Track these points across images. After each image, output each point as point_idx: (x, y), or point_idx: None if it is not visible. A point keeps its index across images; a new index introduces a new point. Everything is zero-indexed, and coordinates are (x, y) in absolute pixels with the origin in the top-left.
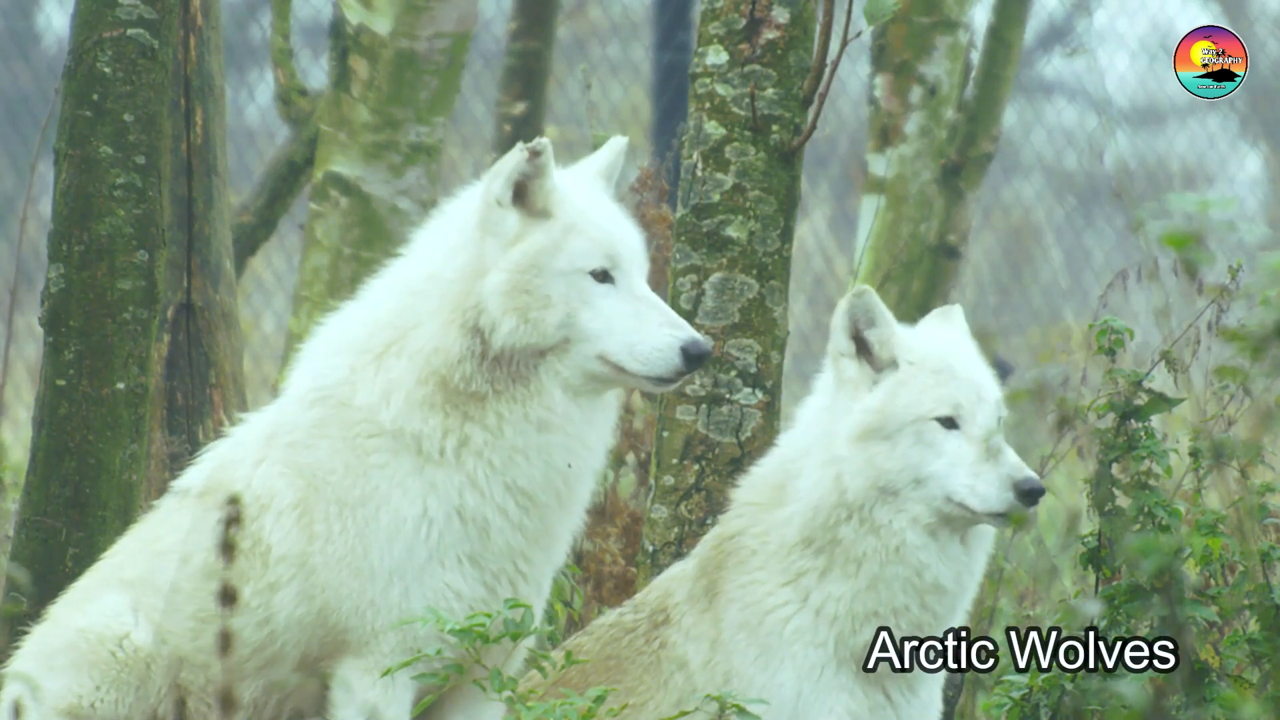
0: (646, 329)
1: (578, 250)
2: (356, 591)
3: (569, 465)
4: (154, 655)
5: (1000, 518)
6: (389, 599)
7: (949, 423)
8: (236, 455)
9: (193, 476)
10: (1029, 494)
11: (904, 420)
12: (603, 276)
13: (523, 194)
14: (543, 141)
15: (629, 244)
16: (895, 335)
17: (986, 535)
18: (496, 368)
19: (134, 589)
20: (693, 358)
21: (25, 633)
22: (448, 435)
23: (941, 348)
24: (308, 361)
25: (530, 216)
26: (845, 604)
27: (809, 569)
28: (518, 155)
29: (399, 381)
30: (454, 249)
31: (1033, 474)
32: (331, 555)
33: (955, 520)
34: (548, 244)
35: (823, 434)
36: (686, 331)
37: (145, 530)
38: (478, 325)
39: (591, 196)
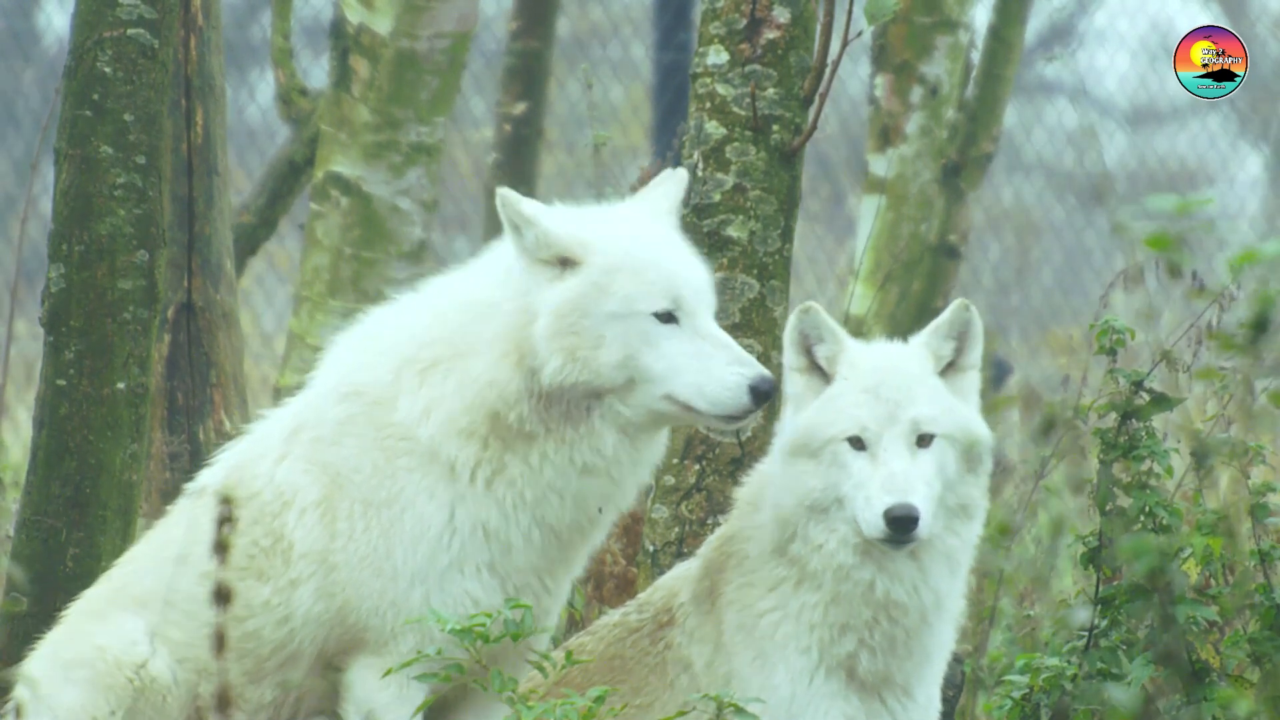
0: (714, 368)
1: (633, 293)
2: (377, 591)
3: (599, 510)
4: (170, 687)
5: (885, 544)
6: (410, 601)
7: (857, 443)
8: (257, 451)
9: (210, 475)
10: (898, 520)
11: (823, 439)
12: (666, 318)
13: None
14: (505, 193)
15: (692, 283)
16: (843, 351)
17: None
18: (550, 406)
19: (149, 608)
20: (760, 395)
21: (25, 632)
22: (481, 465)
23: (876, 364)
24: (339, 357)
25: (549, 262)
26: (820, 613)
27: (785, 577)
28: (505, 200)
29: (442, 402)
30: (511, 282)
31: (907, 501)
32: (354, 554)
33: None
34: (588, 287)
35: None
36: (754, 368)
37: (161, 534)
38: (532, 365)
39: (650, 235)
